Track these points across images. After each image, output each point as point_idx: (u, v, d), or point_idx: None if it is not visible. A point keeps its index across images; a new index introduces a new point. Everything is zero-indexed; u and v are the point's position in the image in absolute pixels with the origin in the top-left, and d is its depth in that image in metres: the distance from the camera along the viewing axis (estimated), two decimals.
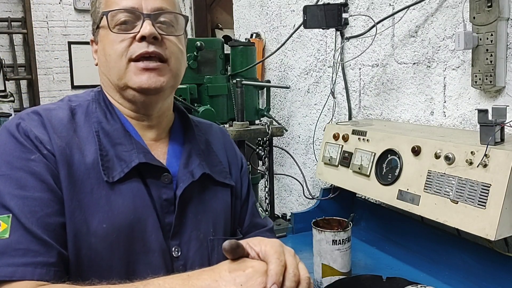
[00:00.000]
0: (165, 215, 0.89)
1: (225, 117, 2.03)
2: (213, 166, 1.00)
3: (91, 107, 0.92)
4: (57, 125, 0.86)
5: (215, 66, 2.02)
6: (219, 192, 1.00)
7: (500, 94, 1.30)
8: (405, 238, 1.49)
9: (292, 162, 2.27)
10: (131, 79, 0.88)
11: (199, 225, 0.93)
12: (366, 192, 1.46)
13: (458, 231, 1.31)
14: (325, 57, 2.06)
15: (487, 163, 1.06)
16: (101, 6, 0.92)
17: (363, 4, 1.77)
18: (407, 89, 1.62)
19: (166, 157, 0.94)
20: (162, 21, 0.91)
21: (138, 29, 0.88)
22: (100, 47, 0.94)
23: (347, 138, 1.55)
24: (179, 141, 0.98)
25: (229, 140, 1.12)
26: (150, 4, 0.89)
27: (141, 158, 0.87)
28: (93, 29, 0.96)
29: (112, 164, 0.85)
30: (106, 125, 0.89)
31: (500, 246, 1.22)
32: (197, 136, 1.01)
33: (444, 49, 1.46)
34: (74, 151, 0.84)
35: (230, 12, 3.12)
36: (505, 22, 1.24)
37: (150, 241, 0.85)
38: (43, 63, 4.71)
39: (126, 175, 0.85)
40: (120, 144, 0.88)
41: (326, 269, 1.25)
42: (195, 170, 0.94)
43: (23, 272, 0.72)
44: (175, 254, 0.88)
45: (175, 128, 1.01)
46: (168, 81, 0.91)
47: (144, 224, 0.85)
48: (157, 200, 0.88)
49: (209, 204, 0.96)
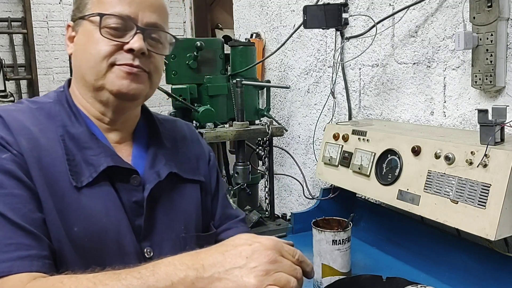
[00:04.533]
0: (135, 218, 0.88)
1: (225, 117, 2.03)
2: (181, 164, 1.00)
3: (53, 109, 0.90)
4: (20, 127, 0.83)
5: (215, 66, 2.02)
6: (188, 189, 1.00)
7: (500, 94, 1.30)
8: (405, 238, 1.49)
9: (292, 162, 2.27)
10: (111, 82, 0.87)
11: (170, 224, 0.93)
12: (366, 192, 1.46)
13: (458, 231, 1.31)
14: (325, 57, 2.06)
15: (487, 163, 1.06)
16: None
17: (363, 4, 1.77)
18: (407, 89, 1.62)
19: (131, 159, 0.94)
20: (153, 37, 0.90)
21: (127, 40, 0.86)
22: (80, 39, 0.90)
23: (347, 138, 1.55)
24: (143, 142, 0.98)
25: (195, 135, 1.11)
26: (146, 18, 0.88)
27: (109, 161, 0.86)
28: (74, 14, 0.92)
29: (80, 168, 0.84)
30: (71, 129, 0.88)
31: (500, 246, 1.22)
32: (163, 135, 1.01)
33: (444, 49, 1.46)
34: (42, 154, 0.82)
35: (230, 12, 3.13)
36: (505, 22, 1.24)
37: (124, 244, 0.86)
38: (43, 63, 4.71)
39: (95, 179, 0.84)
40: (88, 148, 0.87)
41: (326, 269, 1.25)
42: (162, 170, 0.94)
43: (21, 266, 0.72)
44: (148, 255, 0.89)
45: (139, 129, 1.00)
46: (145, 89, 0.90)
47: (117, 227, 0.85)
48: (127, 203, 0.88)
49: (179, 202, 0.97)
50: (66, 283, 0.68)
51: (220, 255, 0.69)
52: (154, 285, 0.67)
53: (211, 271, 0.67)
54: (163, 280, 0.67)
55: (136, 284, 0.66)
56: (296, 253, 0.74)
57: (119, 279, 0.67)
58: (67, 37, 0.94)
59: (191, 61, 1.91)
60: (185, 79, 1.94)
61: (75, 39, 0.92)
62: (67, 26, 0.94)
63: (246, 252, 0.68)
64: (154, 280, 0.67)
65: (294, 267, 0.71)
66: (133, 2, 0.87)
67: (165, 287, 0.67)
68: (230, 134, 1.80)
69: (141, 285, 0.66)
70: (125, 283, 0.67)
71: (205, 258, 0.69)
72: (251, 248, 0.69)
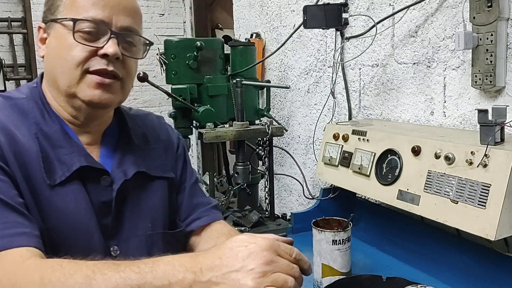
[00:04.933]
0: (103, 217, 0.90)
1: (225, 117, 2.03)
2: (150, 161, 1.00)
3: (27, 105, 0.90)
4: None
5: (215, 66, 2.02)
6: (156, 187, 1.00)
7: (500, 94, 1.30)
8: (405, 238, 1.49)
9: (292, 162, 2.27)
10: (83, 91, 0.87)
11: (136, 223, 0.95)
12: (366, 192, 1.46)
13: (458, 231, 1.31)
14: (325, 57, 2.06)
15: (487, 163, 1.06)
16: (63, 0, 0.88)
17: (363, 4, 1.77)
18: (407, 89, 1.62)
19: (99, 158, 0.94)
20: (127, 41, 0.90)
21: (101, 44, 0.86)
22: (53, 43, 0.90)
23: (347, 138, 1.55)
24: (113, 142, 0.98)
25: (164, 126, 1.11)
26: (120, 22, 0.87)
27: (82, 161, 0.87)
28: (45, 16, 0.91)
29: (53, 167, 0.85)
30: (45, 127, 0.88)
31: (500, 246, 1.22)
32: (133, 131, 1.01)
33: (444, 49, 1.46)
34: (19, 150, 0.83)
35: (230, 12, 3.12)
36: (505, 22, 1.24)
37: (93, 242, 0.87)
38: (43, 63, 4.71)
39: (67, 178, 0.86)
40: (61, 147, 0.87)
41: (326, 269, 1.25)
42: (129, 169, 0.95)
43: (20, 241, 0.74)
44: (114, 253, 0.90)
45: (109, 129, 1.00)
46: (117, 98, 0.91)
47: (86, 226, 0.87)
48: (96, 203, 0.89)
49: (146, 200, 0.98)
50: (65, 266, 0.70)
51: (218, 259, 0.69)
52: (152, 282, 0.67)
53: (209, 276, 0.68)
54: (160, 278, 0.68)
55: (133, 278, 0.67)
56: (293, 251, 0.74)
57: (118, 270, 0.68)
58: (38, 38, 0.93)
59: (191, 61, 1.91)
60: (185, 79, 1.94)
61: (47, 41, 0.91)
62: (38, 27, 0.93)
63: (242, 254, 0.69)
64: (152, 277, 0.68)
65: (291, 266, 0.71)
66: (107, 6, 0.86)
67: (162, 285, 0.67)
68: (230, 134, 1.80)
69: (138, 279, 0.67)
70: (123, 276, 0.67)
71: (203, 262, 0.70)
72: (248, 250, 0.69)
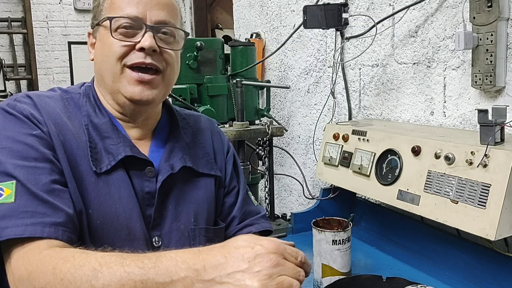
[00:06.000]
0: (146, 208, 0.92)
1: (225, 117, 2.03)
2: (198, 158, 1.03)
3: (81, 100, 0.96)
4: (50, 111, 0.89)
5: (215, 66, 2.02)
6: (202, 183, 1.02)
7: (500, 94, 1.30)
8: (405, 238, 1.49)
9: (292, 162, 2.27)
10: (124, 87, 0.91)
11: (179, 216, 0.97)
12: (366, 192, 1.46)
13: (458, 231, 1.31)
14: (325, 57, 2.06)
15: (487, 163, 1.06)
16: (104, 5, 0.94)
17: (363, 4, 1.77)
18: (407, 89, 1.62)
19: (148, 152, 0.98)
20: (163, 33, 0.93)
21: (138, 39, 0.90)
22: (98, 44, 0.96)
23: (347, 138, 1.55)
24: (163, 138, 1.02)
25: (216, 130, 1.15)
26: (154, 16, 0.91)
27: (127, 151, 0.91)
28: (92, 23, 0.97)
29: (100, 156, 0.90)
30: (95, 119, 0.93)
31: (500, 246, 1.22)
32: (183, 130, 1.05)
33: (444, 49, 1.46)
34: (67, 138, 0.88)
35: (230, 12, 3.13)
36: (505, 22, 1.24)
37: (135, 230, 0.90)
38: (43, 63, 4.71)
39: (112, 167, 0.89)
40: (108, 138, 0.92)
41: (326, 269, 1.25)
42: (176, 164, 0.98)
43: (33, 230, 0.75)
44: (156, 244, 0.93)
45: (160, 125, 1.03)
46: (159, 93, 0.94)
47: (129, 214, 0.89)
48: (139, 193, 0.92)
49: (191, 195, 1.00)
50: (76, 258, 0.71)
51: (222, 257, 0.68)
52: (154, 278, 0.68)
53: (213, 274, 0.67)
54: (163, 275, 0.68)
55: (137, 273, 0.68)
56: (298, 254, 0.73)
57: (123, 264, 0.69)
58: (89, 44, 1.00)
59: (191, 61, 1.92)
60: (185, 79, 1.94)
61: (95, 46, 0.97)
62: (88, 34, 1.00)
63: (248, 255, 0.68)
64: (155, 273, 0.68)
65: (297, 269, 0.71)
66: (141, 3, 0.90)
67: (164, 282, 0.67)
68: (230, 134, 1.80)
69: (141, 275, 0.68)
70: (127, 270, 0.68)
71: (207, 259, 0.69)
72: (254, 251, 0.68)
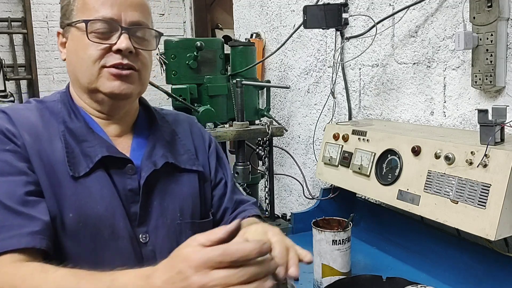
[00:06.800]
0: (130, 205, 0.93)
1: (225, 117, 2.03)
2: (179, 155, 1.04)
3: (56, 107, 0.97)
4: (24, 123, 0.91)
5: (215, 66, 2.02)
6: (185, 178, 1.04)
7: (500, 94, 1.30)
8: (405, 238, 1.49)
9: (292, 162, 2.27)
10: (103, 84, 0.93)
11: (165, 211, 0.97)
12: (366, 192, 1.46)
13: (458, 231, 1.31)
14: (325, 57, 2.06)
15: (487, 163, 1.06)
16: (75, 4, 0.94)
17: (363, 4, 1.77)
18: (407, 89, 1.62)
19: (130, 150, 0.99)
20: (138, 35, 0.96)
21: (114, 41, 0.92)
22: (71, 46, 0.97)
23: (347, 138, 1.55)
24: (143, 135, 1.04)
25: (196, 127, 1.16)
26: (129, 17, 0.93)
27: (103, 152, 0.92)
28: (62, 22, 0.98)
29: (78, 160, 0.91)
30: (71, 124, 0.95)
31: (500, 246, 1.22)
32: (162, 128, 1.06)
33: (444, 49, 1.46)
34: (43, 147, 0.90)
35: (230, 12, 3.13)
36: (505, 22, 1.24)
37: (118, 228, 0.90)
38: (43, 63, 4.71)
39: (91, 169, 0.90)
40: (85, 141, 0.93)
41: (326, 269, 1.25)
42: (158, 160, 0.99)
43: (9, 244, 0.77)
44: (143, 240, 0.93)
45: (139, 122, 1.06)
46: (136, 88, 0.97)
47: (112, 213, 0.90)
48: (122, 191, 0.93)
49: (175, 190, 1.01)
50: (35, 277, 0.72)
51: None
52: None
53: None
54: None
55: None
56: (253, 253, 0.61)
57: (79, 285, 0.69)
58: (59, 43, 1.01)
59: (191, 61, 1.91)
60: (185, 79, 1.94)
61: (67, 45, 0.98)
62: (57, 33, 1.01)
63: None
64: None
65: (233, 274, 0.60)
66: (115, 4, 0.92)
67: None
68: (230, 134, 1.80)
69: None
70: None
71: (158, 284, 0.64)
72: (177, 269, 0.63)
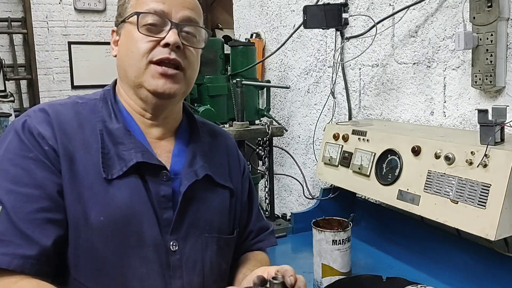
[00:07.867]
0: (162, 211, 0.92)
1: (225, 117, 2.03)
2: (215, 168, 1.03)
3: (97, 105, 0.96)
4: (62, 122, 0.90)
5: (215, 66, 2.02)
6: (218, 193, 1.03)
7: (500, 94, 1.30)
8: (405, 238, 1.49)
9: (292, 162, 2.27)
10: (147, 81, 0.93)
11: (197, 222, 0.96)
12: (366, 192, 1.46)
13: (458, 231, 1.31)
14: (325, 57, 2.06)
15: (487, 163, 1.06)
16: (130, 2, 0.96)
17: (363, 4, 1.77)
18: (407, 89, 1.62)
19: (171, 155, 0.98)
20: (186, 31, 0.95)
21: (163, 35, 0.92)
22: (122, 40, 0.97)
23: (347, 138, 1.55)
24: (184, 142, 1.03)
25: (232, 144, 1.16)
26: (179, 13, 0.94)
27: (138, 157, 0.91)
28: (117, 20, 0.99)
29: (112, 162, 0.90)
30: (110, 124, 0.94)
31: (500, 246, 1.22)
32: (202, 138, 1.05)
33: (444, 49, 1.46)
34: (78, 148, 0.89)
35: (230, 12, 3.13)
36: (505, 22, 1.24)
37: (145, 236, 0.89)
38: (43, 63, 4.71)
39: (125, 172, 0.89)
40: (121, 144, 0.92)
41: (326, 269, 1.25)
42: (199, 170, 0.98)
43: (2, 260, 0.77)
44: (173, 248, 0.91)
45: (181, 128, 1.04)
46: (181, 88, 0.96)
47: (140, 219, 0.89)
48: (155, 196, 0.91)
49: (208, 203, 1.00)
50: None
51: None
52: None
53: None
54: None
55: None
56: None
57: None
58: (112, 41, 1.01)
59: None
60: None
61: (119, 42, 0.99)
62: (111, 31, 1.02)
63: None
64: None
65: None
66: (167, 0, 0.93)
67: None
68: (230, 134, 1.79)
69: None
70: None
71: None
72: None
